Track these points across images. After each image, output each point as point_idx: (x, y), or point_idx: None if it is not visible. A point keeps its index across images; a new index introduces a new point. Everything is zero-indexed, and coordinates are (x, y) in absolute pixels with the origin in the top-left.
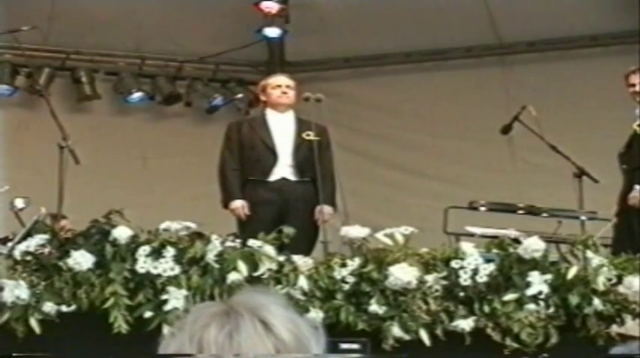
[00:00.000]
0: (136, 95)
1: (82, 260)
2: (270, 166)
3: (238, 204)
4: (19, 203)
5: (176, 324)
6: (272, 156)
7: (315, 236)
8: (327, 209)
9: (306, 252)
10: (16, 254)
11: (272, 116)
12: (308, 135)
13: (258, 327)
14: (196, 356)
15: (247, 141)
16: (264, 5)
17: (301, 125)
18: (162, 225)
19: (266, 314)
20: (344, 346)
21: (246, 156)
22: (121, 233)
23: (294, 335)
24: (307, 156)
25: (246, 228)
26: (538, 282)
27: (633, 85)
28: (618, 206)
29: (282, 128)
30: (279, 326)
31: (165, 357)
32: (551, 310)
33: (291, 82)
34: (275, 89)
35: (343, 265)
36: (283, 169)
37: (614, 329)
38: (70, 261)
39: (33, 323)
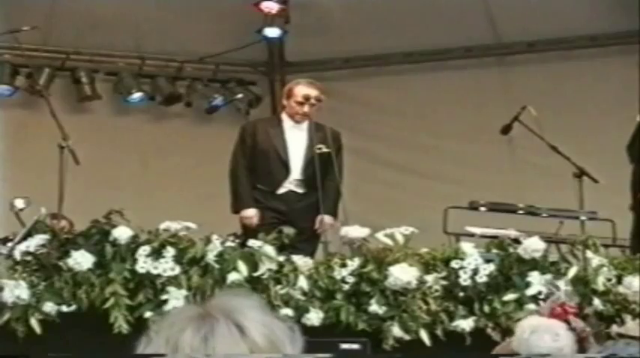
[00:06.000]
0: (136, 95)
1: (82, 260)
2: (281, 180)
3: (252, 213)
4: (19, 203)
5: (153, 328)
6: (284, 170)
7: (317, 245)
8: (327, 219)
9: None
10: (17, 254)
11: (289, 126)
12: (320, 149)
13: (233, 331)
14: (176, 356)
15: (261, 149)
16: (264, 5)
17: (315, 135)
18: (162, 225)
19: (241, 318)
20: (344, 346)
21: (258, 164)
22: (121, 233)
23: (267, 339)
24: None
25: (251, 235)
26: (538, 282)
27: None
28: (633, 200)
29: (297, 140)
30: (253, 330)
31: (144, 357)
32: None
33: (319, 93)
34: (300, 101)
35: (343, 265)
36: (292, 183)
37: (614, 329)
38: (70, 261)
39: (33, 323)
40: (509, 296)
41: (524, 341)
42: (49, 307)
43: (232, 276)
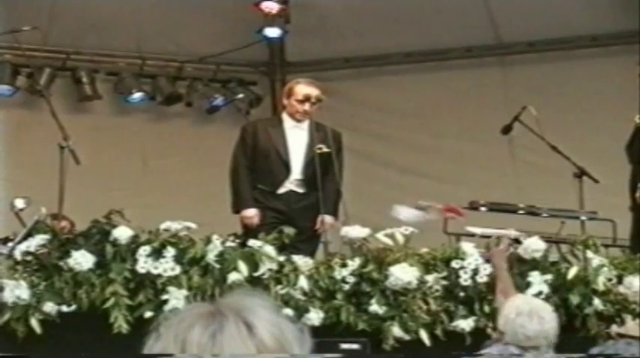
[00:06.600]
0: (137, 95)
1: (82, 260)
2: (282, 180)
3: (252, 213)
4: (20, 203)
5: (163, 324)
6: (285, 170)
7: (317, 245)
8: (328, 219)
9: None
10: (17, 254)
11: (289, 126)
12: (320, 148)
13: (242, 329)
14: (179, 355)
15: (262, 149)
16: (264, 5)
17: (316, 134)
18: (163, 225)
19: (250, 317)
20: (344, 346)
21: (259, 164)
22: (122, 233)
23: (276, 339)
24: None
25: (251, 235)
26: (538, 282)
27: None
28: (631, 200)
29: (297, 140)
30: (262, 329)
31: (149, 357)
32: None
33: (320, 93)
34: (300, 99)
35: (343, 265)
36: (292, 183)
37: (614, 329)
38: (71, 261)
39: (34, 323)
40: None
41: (510, 320)
42: (50, 307)
43: (233, 276)
